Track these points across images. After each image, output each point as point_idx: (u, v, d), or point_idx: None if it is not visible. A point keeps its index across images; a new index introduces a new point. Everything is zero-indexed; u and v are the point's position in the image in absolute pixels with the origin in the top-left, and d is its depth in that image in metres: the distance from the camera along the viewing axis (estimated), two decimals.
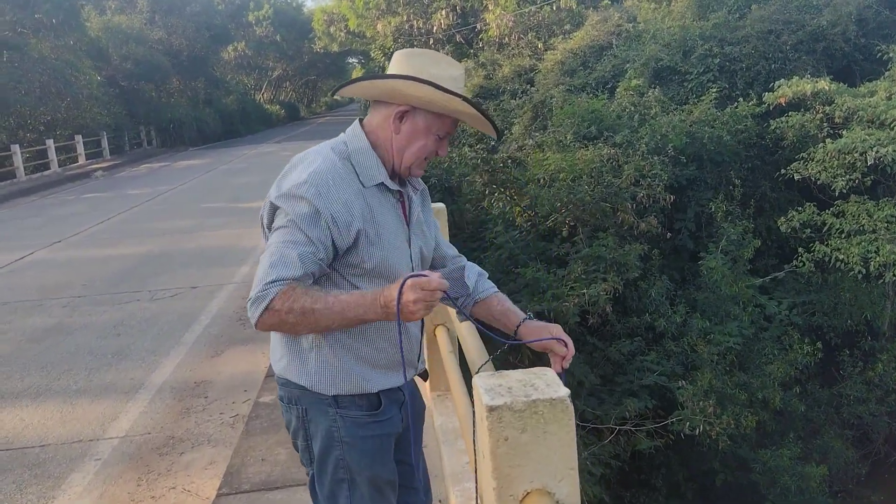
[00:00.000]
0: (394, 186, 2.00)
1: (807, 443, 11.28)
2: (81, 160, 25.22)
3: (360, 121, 2.04)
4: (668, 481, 10.75)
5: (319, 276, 1.90)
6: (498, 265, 10.46)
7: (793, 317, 11.72)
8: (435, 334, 3.71)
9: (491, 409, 1.35)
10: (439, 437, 3.60)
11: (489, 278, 2.29)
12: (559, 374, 1.90)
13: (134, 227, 12.15)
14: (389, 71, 1.97)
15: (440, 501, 3.26)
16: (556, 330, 2.07)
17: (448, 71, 1.95)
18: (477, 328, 2.16)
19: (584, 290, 9.84)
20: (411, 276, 1.74)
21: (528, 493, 1.39)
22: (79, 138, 25.26)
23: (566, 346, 2.04)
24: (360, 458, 2.00)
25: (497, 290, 2.25)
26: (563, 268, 10.49)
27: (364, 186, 1.95)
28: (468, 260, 2.32)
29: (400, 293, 1.73)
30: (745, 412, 10.35)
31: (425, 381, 2.18)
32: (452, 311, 3.04)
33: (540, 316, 9.84)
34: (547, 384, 1.41)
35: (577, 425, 9.59)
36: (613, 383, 10.32)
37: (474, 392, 1.46)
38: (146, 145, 32.32)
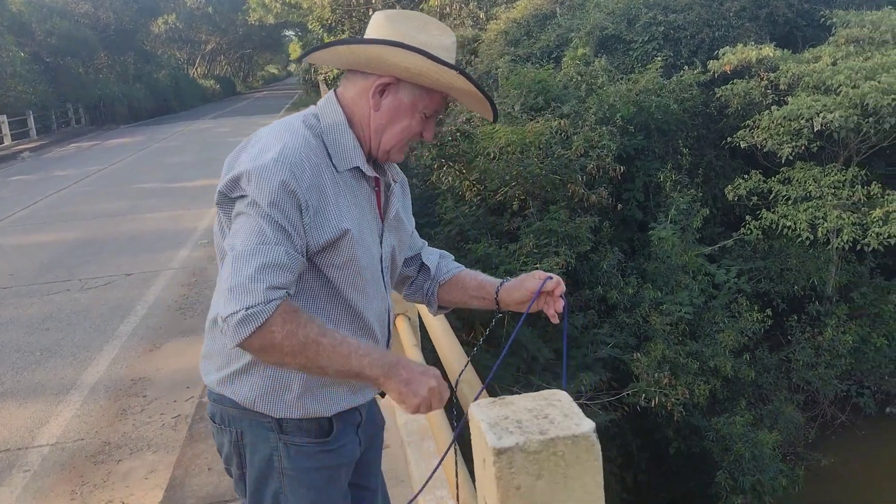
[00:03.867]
0: (370, 172, 1.69)
1: (757, 409, 11.37)
2: (7, 141, 24.02)
3: (336, 92, 1.72)
4: (623, 451, 10.72)
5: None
6: (448, 241, 10.18)
7: (741, 284, 11.75)
8: (395, 324, 3.41)
9: (499, 453, 1.06)
10: (403, 437, 3.26)
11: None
12: (560, 318, 1.69)
13: (62, 212, 11.46)
14: (368, 35, 1.66)
15: None
16: (536, 278, 1.80)
17: (439, 39, 1.64)
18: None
19: (537, 265, 9.66)
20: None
21: None
22: (3, 118, 24.02)
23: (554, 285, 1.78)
24: (305, 493, 1.70)
25: (462, 267, 1.99)
26: (514, 242, 10.27)
27: (337, 171, 1.63)
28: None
29: (423, 373, 1.53)
30: (698, 381, 10.36)
31: (383, 397, 1.88)
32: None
33: None
34: (564, 414, 1.13)
35: None
36: (568, 357, 10.19)
37: (472, 427, 1.17)
38: (75, 124, 30.91)
